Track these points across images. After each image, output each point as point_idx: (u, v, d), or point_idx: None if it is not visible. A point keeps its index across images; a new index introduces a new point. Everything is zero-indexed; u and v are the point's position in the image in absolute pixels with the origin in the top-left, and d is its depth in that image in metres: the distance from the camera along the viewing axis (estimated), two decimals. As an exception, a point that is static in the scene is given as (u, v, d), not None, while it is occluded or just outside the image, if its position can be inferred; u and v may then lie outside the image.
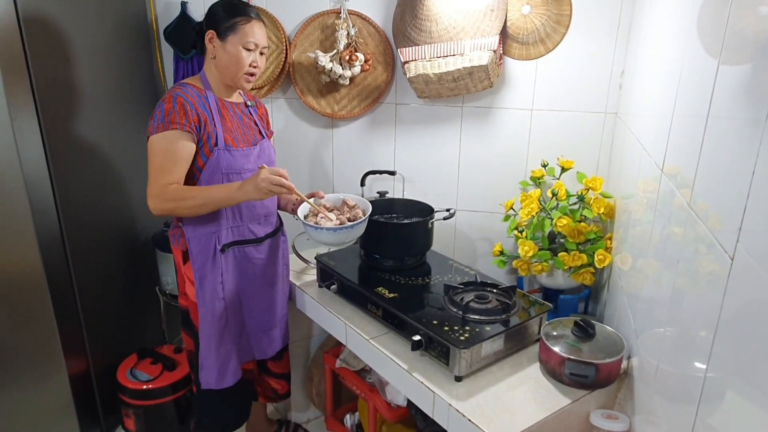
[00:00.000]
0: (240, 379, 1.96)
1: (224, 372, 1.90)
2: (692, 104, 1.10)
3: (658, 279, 1.24)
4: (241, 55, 1.73)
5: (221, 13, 1.72)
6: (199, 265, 1.80)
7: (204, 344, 1.87)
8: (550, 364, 1.50)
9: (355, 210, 1.89)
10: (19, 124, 1.81)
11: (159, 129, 1.65)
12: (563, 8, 1.98)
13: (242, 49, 1.72)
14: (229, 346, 1.90)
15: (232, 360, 1.92)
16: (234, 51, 1.72)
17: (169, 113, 1.65)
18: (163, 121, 1.64)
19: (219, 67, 1.76)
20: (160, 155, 1.66)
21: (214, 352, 1.87)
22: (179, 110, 1.65)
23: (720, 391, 0.83)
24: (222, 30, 1.72)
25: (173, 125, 1.64)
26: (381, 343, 1.69)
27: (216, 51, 1.74)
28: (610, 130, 2.08)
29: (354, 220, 1.81)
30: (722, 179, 0.89)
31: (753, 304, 0.73)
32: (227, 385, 1.92)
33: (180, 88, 1.71)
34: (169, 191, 1.65)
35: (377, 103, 2.32)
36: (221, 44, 1.73)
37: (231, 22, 1.71)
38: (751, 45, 0.82)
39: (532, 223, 1.98)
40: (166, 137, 1.65)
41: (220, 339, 1.87)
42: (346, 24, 2.18)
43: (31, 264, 1.92)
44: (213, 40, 1.73)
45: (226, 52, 1.73)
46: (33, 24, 1.84)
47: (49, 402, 2.11)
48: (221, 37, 1.72)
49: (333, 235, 1.77)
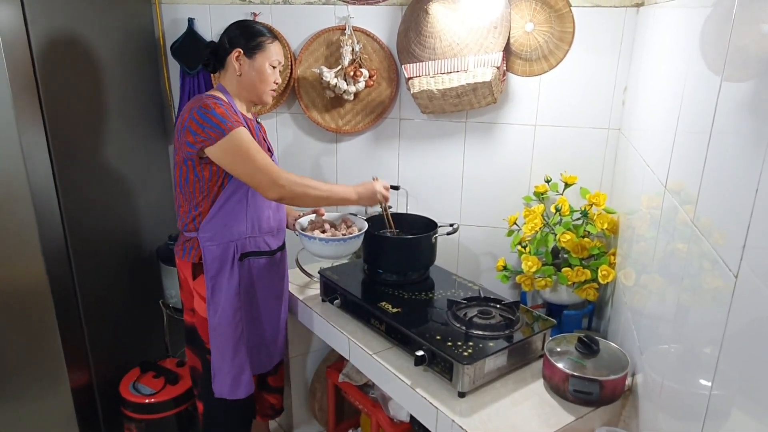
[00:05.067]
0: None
1: (238, 382, 1.90)
2: (695, 120, 1.10)
3: (662, 295, 1.23)
4: (267, 72, 1.79)
5: (247, 33, 1.78)
6: (213, 274, 1.80)
7: (217, 354, 1.87)
8: (554, 380, 1.49)
9: (352, 228, 2.00)
10: (27, 138, 1.83)
11: (229, 128, 1.65)
12: (566, 25, 2.00)
13: (268, 66, 1.79)
14: (243, 357, 1.90)
15: (246, 371, 1.91)
16: (261, 68, 1.78)
17: (225, 116, 1.66)
18: (225, 123, 1.65)
19: (244, 84, 1.80)
20: (253, 150, 1.68)
21: (229, 361, 1.87)
22: (230, 111, 1.69)
23: (725, 408, 0.82)
24: (249, 48, 1.76)
25: (237, 123, 1.68)
26: (384, 358, 1.68)
27: (243, 68, 1.78)
28: (613, 145, 2.09)
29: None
30: (726, 196, 0.89)
31: (758, 321, 0.73)
32: (240, 396, 1.92)
33: (211, 98, 1.71)
34: (293, 176, 1.73)
35: (381, 119, 2.33)
36: (249, 62, 1.77)
37: (258, 41, 1.77)
38: (754, 61, 0.83)
39: (536, 239, 1.98)
40: (240, 134, 1.67)
41: (235, 348, 1.87)
42: (350, 40, 2.20)
43: (35, 276, 1.93)
44: (240, 57, 1.77)
45: (254, 69, 1.78)
46: (42, 38, 1.87)
47: (51, 415, 2.10)
48: (248, 54, 1.77)
49: (325, 246, 1.89)
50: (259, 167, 1.68)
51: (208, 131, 1.65)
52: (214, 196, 1.76)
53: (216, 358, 1.87)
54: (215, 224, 1.78)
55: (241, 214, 1.80)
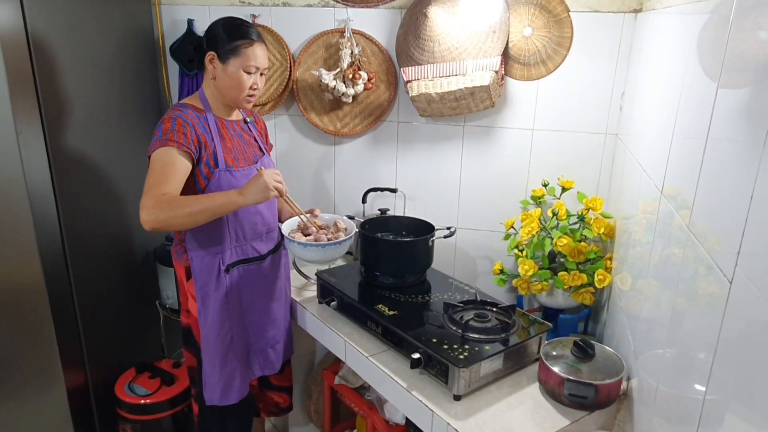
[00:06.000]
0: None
1: (228, 390, 1.89)
2: (692, 126, 1.11)
3: (658, 300, 1.24)
4: (242, 78, 1.70)
5: (222, 35, 1.69)
6: (202, 285, 1.79)
7: (207, 363, 1.86)
8: (550, 384, 1.50)
9: (339, 233, 1.92)
10: (25, 138, 1.83)
11: (157, 146, 1.61)
12: (564, 30, 2.00)
13: (243, 73, 1.70)
14: (234, 365, 1.89)
15: (237, 378, 1.90)
16: (235, 74, 1.70)
17: (168, 132, 1.62)
18: (161, 139, 1.61)
19: (219, 89, 1.74)
20: (157, 169, 1.59)
21: (218, 370, 1.86)
22: (178, 130, 1.63)
23: (719, 413, 0.82)
24: (223, 52, 1.68)
25: (171, 143, 1.61)
26: (380, 361, 1.68)
27: (216, 72, 1.71)
28: (610, 150, 2.09)
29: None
30: (721, 202, 0.90)
31: (752, 326, 0.73)
32: (231, 402, 1.91)
33: (179, 109, 1.69)
34: (164, 200, 1.54)
35: (380, 121, 2.33)
36: (222, 66, 1.70)
37: (233, 45, 1.68)
38: (751, 68, 0.83)
39: (533, 243, 1.98)
40: (164, 152, 1.61)
41: (224, 358, 1.86)
42: (350, 43, 2.21)
43: (32, 276, 1.93)
44: (213, 61, 1.70)
45: (227, 74, 1.70)
46: (41, 39, 1.87)
47: (47, 415, 2.10)
48: (222, 59, 1.69)
49: (304, 250, 1.84)
50: (146, 189, 1.56)
51: (152, 141, 1.64)
52: None
53: (206, 367, 1.86)
54: (198, 236, 1.76)
55: (223, 226, 1.76)
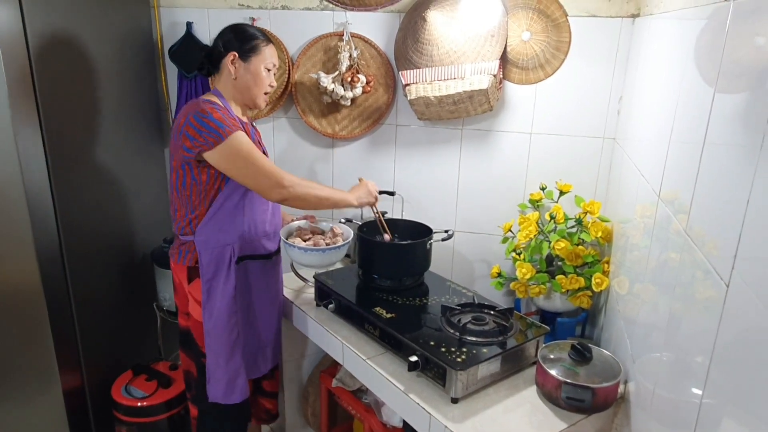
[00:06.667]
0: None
1: (233, 387, 1.90)
2: (689, 131, 1.11)
3: (655, 304, 1.24)
4: (262, 75, 1.80)
5: (240, 36, 1.78)
6: (209, 277, 1.80)
7: (212, 358, 1.86)
8: (547, 387, 1.50)
9: (337, 238, 2.03)
10: (23, 139, 1.82)
11: (227, 133, 1.65)
12: (563, 35, 2.01)
13: (264, 69, 1.80)
14: (239, 362, 1.89)
15: (242, 376, 1.91)
16: (256, 71, 1.79)
17: (221, 120, 1.66)
18: (223, 125, 1.65)
19: (239, 87, 1.80)
20: (252, 151, 1.68)
21: (224, 365, 1.87)
22: (227, 116, 1.70)
23: (716, 417, 0.83)
24: (244, 51, 1.77)
25: (235, 127, 1.67)
26: (377, 364, 1.68)
27: (238, 72, 1.78)
28: (608, 154, 2.10)
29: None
30: (718, 206, 0.90)
31: (748, 330, 0.74)
32: (235, 401, 1.91)
33: (208, 103, 1.71)
34: (296, 177, 1.73)
35: (378, 124, 2.34)
36: (244, 65, 1.78)
37: (253, 44, 1.78)
38: (747, 74, 0.84)
39: (530, 246, 1.99)
40: (239, 137, 1.67)
41: (230, 353, 1.86)
42: (348, 46, 2.21)
43: (29, 278, 1.92)
44: (235, 61, 1.77)
45: (249, 72, 1.79)
46: (40, 40, 1.87)
47: (43, 417, 2.09)
48: (243, 58, 1.77)
49: (304, 255, 1.95)
50: (261, 170, 1.69)
51: (206, 136, 1.64)
52: (211, 200, 1.76)
53: (211, 362, 1.87)
54: (212, 228, 1.78)
55: (239, 217, 1.80)
